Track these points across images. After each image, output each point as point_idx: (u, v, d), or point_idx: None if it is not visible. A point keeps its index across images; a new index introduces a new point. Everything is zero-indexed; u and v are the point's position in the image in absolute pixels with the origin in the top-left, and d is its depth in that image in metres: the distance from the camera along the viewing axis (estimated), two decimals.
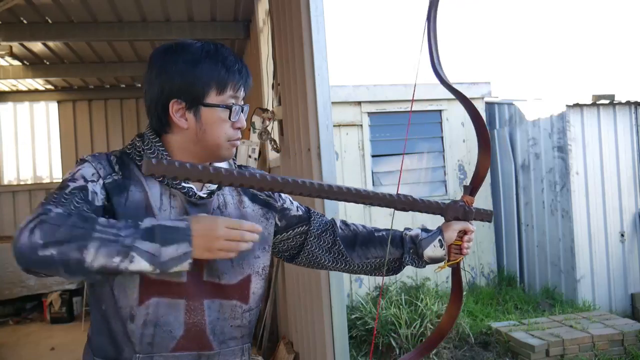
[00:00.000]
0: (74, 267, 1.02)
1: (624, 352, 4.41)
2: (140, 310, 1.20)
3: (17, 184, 8.18)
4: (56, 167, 8.29)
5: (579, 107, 5.67)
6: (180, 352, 1.23)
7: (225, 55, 1.27)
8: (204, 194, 1.28)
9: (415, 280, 5.99)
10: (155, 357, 1.22)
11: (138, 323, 1.20)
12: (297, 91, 2.97)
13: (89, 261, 1.02)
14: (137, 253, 1.04)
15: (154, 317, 1.21)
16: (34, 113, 8.33)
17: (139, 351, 1.21)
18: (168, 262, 1.06)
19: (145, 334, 1.21)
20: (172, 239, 1.07)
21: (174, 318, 1.22)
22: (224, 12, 5.27)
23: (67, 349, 5.15)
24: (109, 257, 1.03)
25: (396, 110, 6.30)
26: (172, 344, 1.22)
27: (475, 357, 4.46)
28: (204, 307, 1.25)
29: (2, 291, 6.16)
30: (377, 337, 4.45)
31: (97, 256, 1.02)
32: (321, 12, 2.60)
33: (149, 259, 1.05)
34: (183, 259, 1.07)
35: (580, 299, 5.56)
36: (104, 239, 1.03)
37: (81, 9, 4.95)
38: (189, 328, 1.23)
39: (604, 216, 5.72)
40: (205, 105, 1.25)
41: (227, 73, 1.25)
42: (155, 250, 1.05)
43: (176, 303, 1.22)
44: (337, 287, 2.58)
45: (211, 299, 1.26)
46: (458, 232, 1.47)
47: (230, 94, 1.26)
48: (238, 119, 1.28)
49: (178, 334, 1.23)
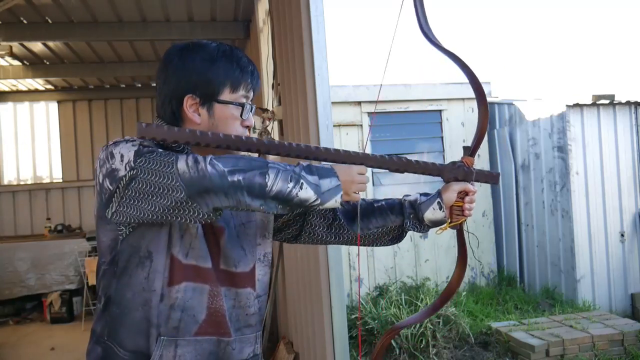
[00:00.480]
0: (257, 190, 1.16)
1: (624, 352, 4.41)
2: (171, 292, 1.25)
3: (17, 184, 8.17)
4: (56, 167, 8.28)
5: (579, 107, 5.67)
6: (202, 336, 1.28)
7: (239, 56, 1.35)
8: None
9: (415, 280, 5.99)
10: (179, 341, 1.26)
11: (167, 304, 1.25)
12: (297, 91, 2.97)
13: (270, 185, 1.16)
14: (305, 181, 1.19)
15: (182, 301, 1.26)
16: (34, 113, 8.33)
17: (164, 334, 1.25)
18: (326, 193, 1.21)
19: (172, 317, 1.25)
20: (325, 174, 1.23)
21: (198, 302, 1.27)
22: (224, 12, 5.27)
23: (67, 349, 5.15)
24: (285, 182, 1.17)
25: (396, 110, 6.30)
26: (194, 328, 1.27)
27: (475, 357, 4.46)
28: (222, 294, 1.30)
29: (2, 291, 6.16)
30: (377, 337, 4.45)
31: (276, 180, 1.16)
32: (321, 12, 2.60)
33: (314, 189, 1.20)
34: (336, 192, 1.22)
35: (580, 299, 5.56)
36: (279, 169, 1.18)
37: (81, 9, 4.94)
38: (210, 313, 1.28)
39: (604, 216, 5.72)
40: (219, 101, 1.31)
41: (241, 73, 1.33)
42: (316, 181, 1.21)
43: (202, 288, 1.28)
44: (337, 287, 2.58)
45: (227, 287, 1.32)
46: (458, 193, 1.45)
47: (243, 93, 1.33)
48: (248, 118, 1.35)
49: (200, 318, 1.27)
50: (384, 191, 6.23)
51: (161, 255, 1.25)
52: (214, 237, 1.31)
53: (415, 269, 6.27)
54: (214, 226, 1.30)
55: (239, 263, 1.34)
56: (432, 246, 6.35)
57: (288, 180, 1.17)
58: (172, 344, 1.26)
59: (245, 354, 1.35)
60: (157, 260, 1.25)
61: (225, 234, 1.33)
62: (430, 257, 6.34)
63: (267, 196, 1.16)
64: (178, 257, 1.26)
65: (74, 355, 4.94)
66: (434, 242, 6.36)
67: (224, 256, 1.31)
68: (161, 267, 1.25)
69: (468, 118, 6.52)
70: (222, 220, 1.33)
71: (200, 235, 1.28)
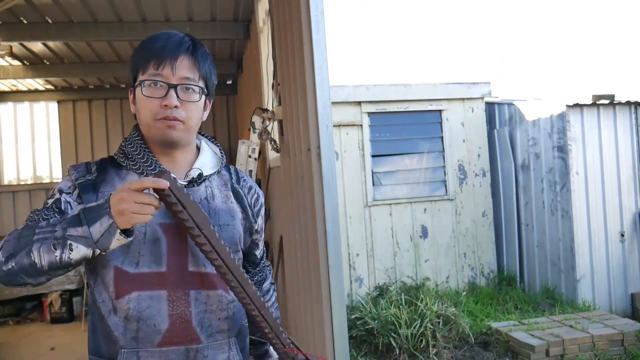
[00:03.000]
0: (31, 271, 1.11)
1: (623, 352, 4.41)
2: (121, 304, 1.22)
3: (17, 184, 8.18)
4: (56, 167, 8.29)
5: (579, 107, 5.67)
6: (167, 347, 1.22)
7: (157, 36, 1.30)
8: (184, 183, 1.30)
9: (415, 280, 5.99)
10: (141, 352, 1.22)
11: (120, 316, 1.22)
12: (297, 91, 2.97)
13: (39, 261, 1.10)
14: (73, 241, 1.09)
15: (135, 311, 1.21)
16: (34, 113, 8.34)
17: (124, 346, 1.22)
18: (101, 240, 1.09)
19: (129, 328, 1.22)
20: (95, 217, 1.09)
21: (157, 311, 1.22)
22: (224, 12, 5.27)
23: (67, 349, 5.15)
24: (51, 252, 1.09)
25: (396, 110, 6.30)
26: (157, 339, 1.22)
27: (475, 357, 4.46)
28: (189, 299, 1.25)
29: (2, 291, 6.17)
30: (377, 337, 4.45)
31: (41, 255, 1.10)
32: (321, 12, 2.60)
33: (84, 243, 1.09)
34: (112, 232, 1.08)
35: (580, 298, 5.56)
36: (42, 239, 1.10)
37: (81, 9, 4.95)
38: (173, 321, 1.23)
39: (603, 216, 5.72)
40: (134, 86, 1.29)
41: (149, 51, 1.27)
42: (86, 233, 1.09)
43: (159, 295, 1.23)
44: (337, 287, 2.58)
45: (198, 289, 1.26)
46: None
47: (152, 72, 1.26)
48: (166, 97, 1.24)
49: (163, 328, 1.22)
50: (384, 191, 6.24)
51: (104, 269, 1.23)
52: (178, 238, 1.25)
53: (415, 269, 6.27)
54: (181, 226, 1.22)
55: (207, 262, 1.26)
56: (432, 246, 6.35)
57: (52, 249, 1.09)
58: (133, 356, 1.22)
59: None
60: (102, 274, 1.24)
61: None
62: (430, 257, 6.34)
63: (43, 271, 1.12)
64: (124, 268, 1.22)
65: (74, 355, 4.94)
66: (434, 242, 6.36)
67: (192, 256, 1.26)
68: (108, 279, 1.23)
69: (468, 118, 6.52)
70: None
71: (150, 240, 1.23)
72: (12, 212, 7.85)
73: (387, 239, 6.21)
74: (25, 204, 7.90)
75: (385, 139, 6.28)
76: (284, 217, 3.72)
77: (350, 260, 6.03)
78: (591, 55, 33.02)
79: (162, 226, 1.25)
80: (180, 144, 1.31)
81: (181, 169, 1.33)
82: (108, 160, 1.34)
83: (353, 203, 6.08)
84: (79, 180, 1.27)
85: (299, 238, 3.25)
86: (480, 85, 6.56)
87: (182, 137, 1.29)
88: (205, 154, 1.39)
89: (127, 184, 1.11)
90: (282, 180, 3.80)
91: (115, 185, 1.27)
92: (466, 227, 6.47)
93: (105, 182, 1.28)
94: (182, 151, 1.33)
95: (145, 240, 1.23)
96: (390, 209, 6.23)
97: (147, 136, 1.31)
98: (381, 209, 6.19)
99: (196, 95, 1.29)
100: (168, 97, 1.24)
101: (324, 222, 2.62)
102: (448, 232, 6.41)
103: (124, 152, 1.32)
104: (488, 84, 6.59)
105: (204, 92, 1.32)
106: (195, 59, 1.29)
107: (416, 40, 37.98)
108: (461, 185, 6.47)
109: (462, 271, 6.44)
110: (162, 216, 1.24)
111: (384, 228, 6.19)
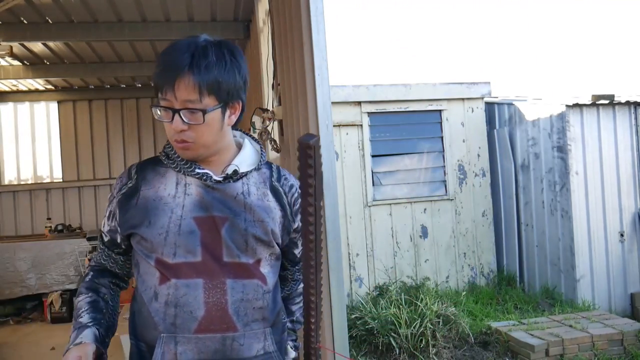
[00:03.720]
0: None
1: (623, 352, 4.42)
2: (162, 290, 1.29)
3: (18, 183, 8.18)
4: (56, 167, 8.29)
5: (578, 107, 5.68)
6: (203, 334, 1.27)
7: (163, 56, 1.30)
8: (220, 178, 1.33)
9: (415, 280, 6.00)
10: (179, 338, 1.27)
11: (161, 302, 1.29)
12: (297, 91, 2.97)
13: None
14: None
15: (173, 297, 1.28)
16: (34, 113, 8.33)
17: (163, 330, 1.28)
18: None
19: (168, 313, 1.28)
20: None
21: (193, 298, 1.27)
22: (224, 12, 5.27)
23: None
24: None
25: (396, 110, 6.30)
26: (194, 325, 1.27)
27: (475, 356, 4.47)
28: (226, 287, 1.29)
29: (3, 291, 6.17)
30: (377, 337, 4.46)
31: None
32: (321, 12, 2.60)
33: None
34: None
35: (579, 298, 5.56)
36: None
37: (81, 9, 4.95)
38: (209, 308, 1.27)
39: (603, 216, 5.72)
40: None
41: (155, 77, 1.30)
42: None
43: (195, 283, 1.28)
44: (337, 287, 2.58)
45: (234, 278, 1.30)
46: None
47: (161, 96, 1.29)
48: (173, 122, 1.27)
49: (199, 315, 1.27)
50: (384, 191, 6.24)
51: (148, 260, 1.32)
52: (213, 229, 1.30)
53: (415, 268, 6.28)
54: (215, 216, 1.30)
55: (242, 254, 1.32)
56: (432, 246, 6.36)
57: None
58: (171, 341, 1.27)
59: (254, 351, 1.32)
60: (145, 265, 1.34)
61: (227, 223, 1.31)
62: (430, 257, 6.35)
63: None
64: (164, 259, 1.30)
65: None
66: (434, 241, 6.37)
67: (226, 247, 1.31)
68: (152, 269, 1.32)
69: (468, 118, 6.52)
70: (229, 210, 1.32)
71: (186, 231, 1.29)
72: (12, 212, 7.85)
73: (387, 239, 6.21)
74: (25, 204, 7.90)
75: (385, 139, 6.29)
76: None
77: (350, 260, 6.04)
78: (591, 55, 33.01)
79: (196, 219, 1.30)
80: (201, 158, 1.35)
81: (219, 166, 1.37)
82: (150, 160, 1.43)
83: (353, 203, 6.08)
84: (122, 191, 1.38)
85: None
86: (480, 85, 6.56)
87: (200, 154, 1.33)
88: (245, 152, 1.42)
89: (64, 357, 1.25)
90: None
91: (154, 184, 1.35)
92: (466, 227, 6.47)
93: (145, 181, 1.36)
94: (215, 155, 1.37)
95: (181, 232, 1.29)
96: (390, 209, 6.23)
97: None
98: (381, 209, 6.20)
99: (199, 116, 1.27)
100: (174, 122, 1.28)
101: (324, 222, 2.62)
102: (448, 232, 6.41)
103: (165, 153, 1.40)
104: (488, 84, 6.59)
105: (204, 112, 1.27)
106: (196, 76, 1.24)
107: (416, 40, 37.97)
108: (461, 185, 6.47)
109: (462, 271, 6.45)
110: (197, 209, 1.31)
111: (384, 228, 6.20)
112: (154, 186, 1.34)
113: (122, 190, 1.38)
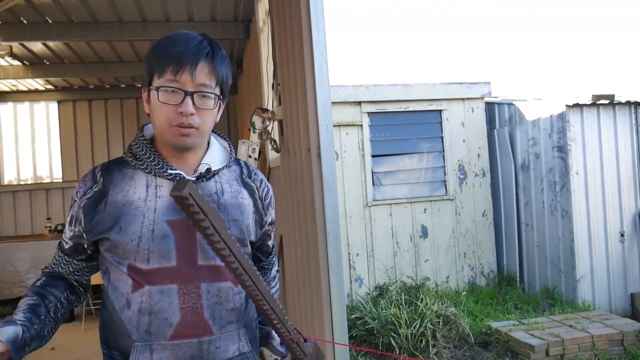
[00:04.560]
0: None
1: (623, 352, 4.42)
2: (135, 297, 1.25)
3: (17, 183, 8.18)
4: (56, 167, 8.29)
5: (578, 107, 5.67)
6: (179, 339, 1.25)
7: (175, 39, 1.28)
8: (194, 178, 1.31)
9: (415, 280, 6.00)
10: (154, 345, 1.24)
11: (134, 309, 1.25)
12: (297, 91, 2.97)
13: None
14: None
15: (147, 305, 1.24)
16: (34, 113, 8.33)
17: (137, 339, 1.25)
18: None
19: (142, 321, 1.24)
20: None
21: (168, 304, 1.24)
22: (224, 12, 5.27)
23: (67, 349, 5.15)
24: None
25: (396, 110, 6.30)
26: (169, 332, 1.24)
27: (475, 357, 4.46)
28: (201, 292, 1.27)
29: (2, 291, 6.17)
30: (377, 337, 4.46)
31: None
32: (321, 12, 2.60)
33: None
34: None
35: (580, 298, 5.56)
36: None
37: (81, 9, 4.95)
38: (185, 314, 1.25)
39: (603, 216, 5.72)
40: (149, 88, 1.29)
41: (167, 55, 1.25)
42: None
43: (169, 289, 1.25)
44: (337, 287, 2.58)
45: (209, 282, 1.28)
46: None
47: (169, 77, 1.25)
48: (182, 104, 1.24)
49: (174, 321, 1.24)
50: (384, 191, 6.24)
51: (120, 267, 1.28)
52: (187, 231, 1.27)
53: (415, 268, 6.27)
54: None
55: (215, 257, 1.28)
56: (432, 246, 6.36)
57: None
58: (146, 349, 1.24)
59: (230, 352, 1.31)
60: (117, 272, 1.29)
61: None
62: (430, 257, 6.34)
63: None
64: (137, 265, 1.26)
65: (74, 355, 4.94)
66: (434, 241, 6.37)
67: (201, 250, 1.28)
68: (124, 276, 1.27)
69: (468, 118, 6.52)
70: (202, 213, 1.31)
71: (159, 236, 1.25)
72: (12, 212, 7.86)
73: (387, 239, 6.21)
74: (25, 204, 7.90)
75: (385, 139, 6.29)
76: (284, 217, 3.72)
77: (350, 260, 6.03)
78: (591, 55, 33.01)
79: (169, 223, 1.27)
80: (193, 148, 1.33)
81: (190, 166, 1.35)
82: (115, 161, 1.36)
83: (353, 203, 6.08)
84: (87, 195, 1.31)
85: (298, 238, 3.25)
86: (480, 85, 6.56)
87: (196, 142, 1.31)
88: (214, 149, 1.40)
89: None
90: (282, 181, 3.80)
91: (123, 187, 1.29)
92: (466, 227, 6.47)
93: (113, 184, 1.30)
94: (193, 151, 1.35)
95: (154, 237, 1.25)
96: (390, 209, 6.23)
97: (161, 139, 1.32)
98: (381, 209, 6.20)
99: (212, 102, 1.29)
100: (184, 104, 1.24)
101: (324, 222, 2.62)
102: (448, 232, 6.41)
103: (132, 153, 1.34)
104: (488, 84, 6.59)
105: (220, 98, 1.31)
106: (214, 65, 1.28)
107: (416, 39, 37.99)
108: (461, 185, 6.47)
109: (462, 271, 6.45)
110: (170, 213, 1.27)
111: (384, 228, 6.20)
112: (122, 189, 1.29)
113: (87, 194, 1.30)
